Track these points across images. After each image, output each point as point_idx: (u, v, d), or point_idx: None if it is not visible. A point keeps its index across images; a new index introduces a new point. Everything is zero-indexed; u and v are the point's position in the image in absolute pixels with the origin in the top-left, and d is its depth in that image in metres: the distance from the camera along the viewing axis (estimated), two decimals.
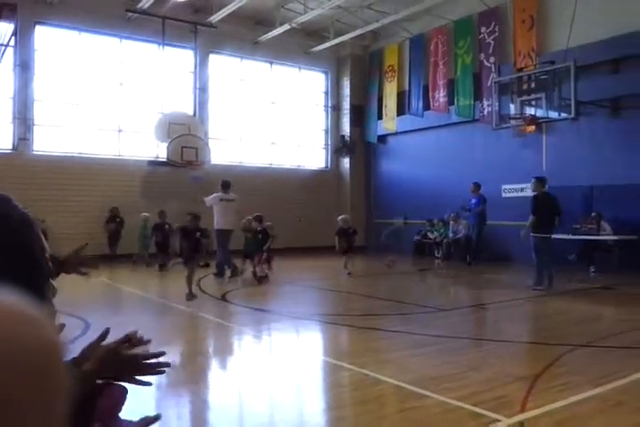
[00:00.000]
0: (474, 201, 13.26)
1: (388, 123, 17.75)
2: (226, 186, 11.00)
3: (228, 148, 16.83)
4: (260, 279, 9.99)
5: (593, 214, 11.55)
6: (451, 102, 15.69)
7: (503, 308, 8.00)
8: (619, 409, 3.57)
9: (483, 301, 8.74)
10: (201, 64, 16.31)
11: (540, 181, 9.50)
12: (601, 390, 3.92)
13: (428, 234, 15.46)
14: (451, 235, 14.57)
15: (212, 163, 15.80)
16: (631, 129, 12.07)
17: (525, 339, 5.99)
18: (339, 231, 11.39)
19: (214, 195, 10.95)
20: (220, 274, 10.57)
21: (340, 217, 11.76)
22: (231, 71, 16.99)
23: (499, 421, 3.27)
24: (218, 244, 10.64)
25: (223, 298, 8.39)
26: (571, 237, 11.42)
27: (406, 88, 17.27)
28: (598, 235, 11.25)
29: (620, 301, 8.23)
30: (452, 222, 14.62)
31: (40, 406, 0.45)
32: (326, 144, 18.92)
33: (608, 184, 12.09)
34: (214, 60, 16.65)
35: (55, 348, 0.48)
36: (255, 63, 17.34)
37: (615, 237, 11.16)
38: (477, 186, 13.37)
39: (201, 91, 16.25)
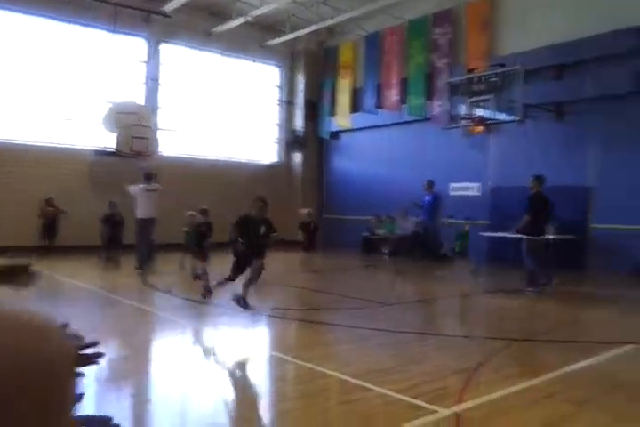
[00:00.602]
0: (427, 198, 13.44)
1: (341, 119, 17.85)
2: (148, 177, 10.77)
3: (179, 139, 16.59)
4: (201, 277, 8.99)
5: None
6: (403, 101, 15.91)
7: (447, 303, 8.21)
8: (550, 400, 3.72)
9: (427, 296, 8.93)
10: (153, 53, 15.99)
11: (539, 179, 8.97)
12: (535, 381, 4.08)
13: (376, 230, 15.65)
14: (398, 231, 14.79)
15: (162, 154, 15.55)
16: (573, 133, 12.54)
17: (467, 333, 6.16)
18: (301, 225, 11.21)
19: (140, 185, 10.67)
20: (141, 266, 10.28)
21: (303, 210, 11.57)
22: (184, 62, 16.73)
23: (436, 412, 3.36)
24: (138, 233, 10.38)
25: (169, 291, 8.29)
26: (512, 235, 11.79)
27: (360, 85, 17.42)
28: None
29: (556, 298, 8.54)
30: (399, 219, 14.83)
31: (43, 415, 0.47)
32: (279, 138, 18.88)
33: (551, 186, 12.50)
34: (167, 49, 16.35)
35: (63, 360, 0.49)
36: (209, 55, 17.12)
37: (555, 236, 11.56)
38: (431, 184, 13.55)
39: (152, 80, 15.95)
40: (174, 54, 16.53)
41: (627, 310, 7.56)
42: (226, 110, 17.47)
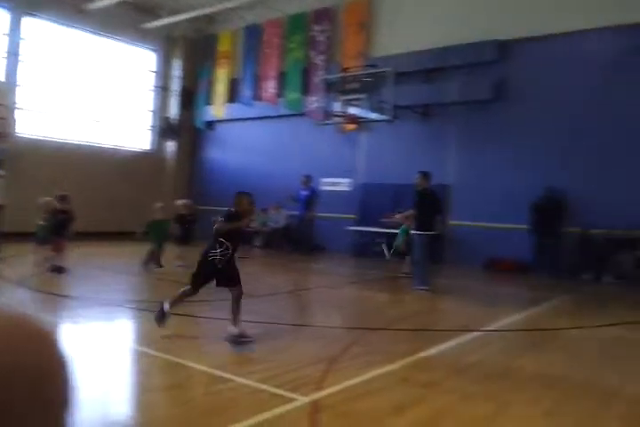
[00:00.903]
0: (304, 193, 13.63)
1: (217, 109, 17.60)
2: None
3: (42, 121, 15.45)
4: (60, 269, 8.50)
5: (398, 211, 12.59)
6: (281, 94, 16.01)
7: (314, 294, 8.43)
8: (403, 384, 3.97)
9: (295, 287, 9.11)
10: (15, 26, 14.72)
11: (426, 176, 8.81)
12: (390, 368, 4.33)
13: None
14: (271, 224, 14.91)
15: (20, 135, 14.42)
16: (437, 134, 13.37)
17: (330, 323, 6.36)
18: (177, 218, 10.38)
19: None
20: None
21: (179, 202, 10.80)
22: (52, 38, 15.57)
23: (296, 400, 3.46)
24: None
25: (22, 284, 7.73)
26: (378, 229, 12.41)
27: (238, 76, 17.27)
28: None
29: (408, 288, 9.04)
30: (272, 212, 14.96)
31: (41, 416, 0.47)
32: (152, 126, 18.22)
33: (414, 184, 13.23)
34: (31, 23, 15.12)
35: (57, 364, 0.50)
36: (80, 33, 16.08)
37: (414, 232, 12.26)
38: (308, 178, 13.75)
39: (12, 55, 14.69)
40: (40, 29, 15.33)
41: (474, 300, 8.20)
42: (96, 93, 16.53)
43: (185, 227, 10.43)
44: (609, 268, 10.82)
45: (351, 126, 14.22)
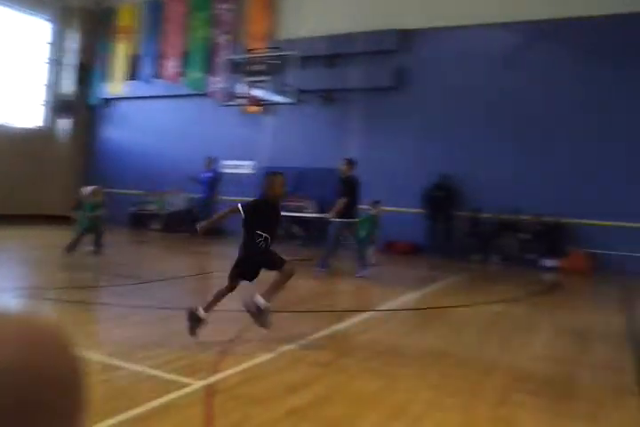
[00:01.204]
0: (207, 175, 13.39)
1: (116, 86, 16.87)
2: None
3: None
4: None
5: (299, 194, 12.76)
6: (183, 73, 15.58)
7: (211, 278, 8.38)
8: (299, 364, 4.08)
9: (192, 271, 9.02)
10: None
11: (351, 163, 8.64)
12: (287, 348, 4.43)
13: (147, 205, 15.22)
14: (169, 207, 14.59)
15: None
16: (341, 119, 13.58)
17: (225, 307, 6.37)
18: (77, 203, 9.44)
19: None
20: None
21: (87, 189, 9.61)
22: None
23: (190, 385, 3.47)
24: None
25: None
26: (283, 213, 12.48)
27: (138, 52, 16.60)
28: (302, 212, 12.49)
29: (311, 271, 9.21)
30: (170, 195, 14.64)
31: (58, 420, 0.48)
32: (45, 101, 17.13)
33: (316, 167, 13.46)
34: None
35: (74, 370, 0.52)
36: None
37: (316, 215, 12.50)
38: (211, 160, 13.50)
39: None
40: None
41: (370, 281, 8.46)
42: None
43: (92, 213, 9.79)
44: (495, 250, 11.56)
45: (255, 108, 14.13)
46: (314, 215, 12.61)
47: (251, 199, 4.85)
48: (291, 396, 3.41)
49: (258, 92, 12.89)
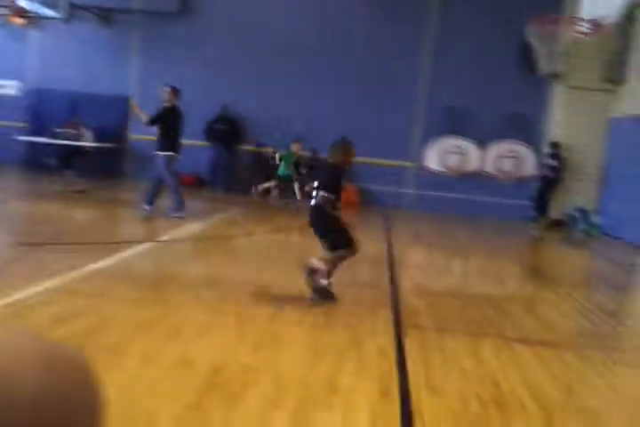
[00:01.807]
0: None
1: None
2: None
3: None
4: None
5: (74, 121, 11.77)
6: None
7: None
8: (69, 297, 3.92)
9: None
10: None
11: (175, 91, 7.88)
12: (56, 282, 4.21)
13: None
14: None
15: None
16: (121, 42, 12.60)
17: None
18: None
19: None
20: None
21: None
22: None
23: None
24: None
25: None
26: (51, 140, 11.45)
27: None
28: (78, 141, 11.58)
29: (88, 203, 8.77)
30: None
31: None
32: None
33: (92, 92, 12.45)
34: None
35: (92, 391, 0.51)
36: None
37: (94, 144, 11.71)
38: None
39: None
40: None
41: (154, 213, 8.27)
42: None
43: None
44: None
45: (19, 20, 12.36)
46: (89, 144, 11.75)
47: (328, 168, 4.57)
48: (57, 328, 3.29)
49: (22, 2, 11.30)
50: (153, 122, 7.69)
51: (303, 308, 4.12)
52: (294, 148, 10.57)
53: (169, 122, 7.71)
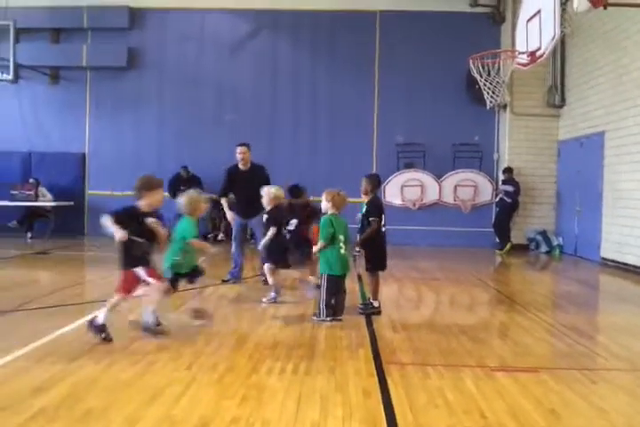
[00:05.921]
0: None
1: None
2: None
3: None
4: None
5: (31, 181, 11.61)
6: None
7: None
8: (43, 363, 3.80)
9: None
10: None
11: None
12: (27, 349, 4.09)
13: None
14: None
15: None
16: (70, 99, 12.63)
17: None
18: None
19: None
20: None
21: None
22: None
23: None
24: None
25: None
26: (9, 203, 11.23)
27: None
28: (36, 201, 11.39)
29: (51, 264, 8.61)
30: None
31: None
32: None
33: (46, 151, 12.39)
34: None
35: None
36: None
37: (53, 204, 11.53)
38: None
39: None
40: None
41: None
42: None
43: None
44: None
45: None
46: (48, 204, 11.53)
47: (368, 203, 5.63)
48: (40, 396, 3.20)
49: None
50: None
51: (282, 356, 4.10)
52: None
53: None
